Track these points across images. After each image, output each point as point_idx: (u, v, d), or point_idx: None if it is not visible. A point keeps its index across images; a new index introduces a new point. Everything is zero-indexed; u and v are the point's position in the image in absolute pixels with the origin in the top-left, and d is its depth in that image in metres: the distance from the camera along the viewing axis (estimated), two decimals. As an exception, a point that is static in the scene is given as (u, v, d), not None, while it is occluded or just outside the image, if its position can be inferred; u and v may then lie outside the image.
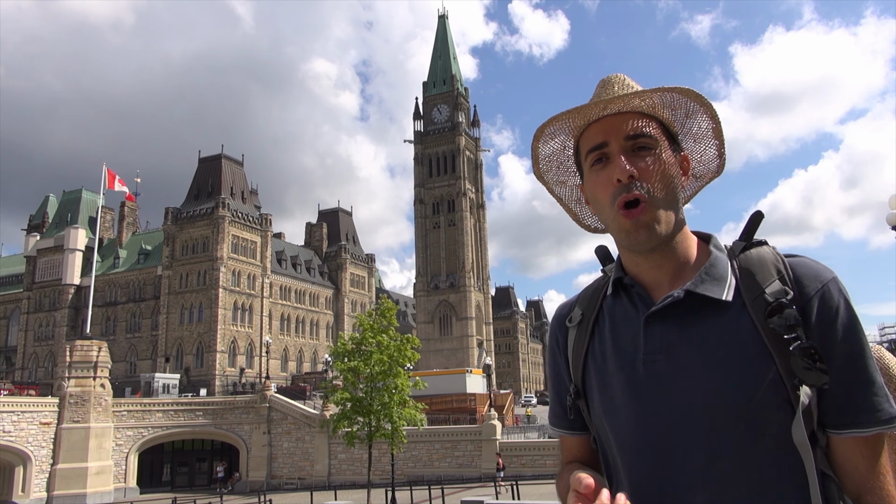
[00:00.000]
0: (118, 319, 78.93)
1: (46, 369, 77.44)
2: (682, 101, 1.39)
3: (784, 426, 1.22)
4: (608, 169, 1.35)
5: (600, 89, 1.41)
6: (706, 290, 1.31)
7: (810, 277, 1.29)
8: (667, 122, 1.41)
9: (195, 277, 73.70)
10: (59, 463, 39.87)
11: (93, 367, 42.16)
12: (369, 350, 25.64)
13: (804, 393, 1.21)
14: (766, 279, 1.30)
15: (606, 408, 1.37)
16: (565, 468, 1.52)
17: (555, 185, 1.56)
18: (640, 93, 1.34)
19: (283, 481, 43.50)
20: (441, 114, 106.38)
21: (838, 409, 1.23)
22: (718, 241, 1.43)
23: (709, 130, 1.43)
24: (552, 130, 1.45)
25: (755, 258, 1.36)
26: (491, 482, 30.56)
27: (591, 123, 1.39)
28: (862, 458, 1.23)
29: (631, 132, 1.35)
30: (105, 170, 47.61)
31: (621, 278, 1.43)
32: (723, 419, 1.22)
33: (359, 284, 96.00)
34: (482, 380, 54.82)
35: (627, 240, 1.35)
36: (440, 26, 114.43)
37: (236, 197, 78.14)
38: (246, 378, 69.07)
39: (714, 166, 1.48)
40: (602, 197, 1.36)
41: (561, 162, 1.52)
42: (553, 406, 1.59)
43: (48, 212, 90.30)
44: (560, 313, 1.58)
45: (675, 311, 1.31)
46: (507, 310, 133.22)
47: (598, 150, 1.37)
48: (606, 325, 1.43)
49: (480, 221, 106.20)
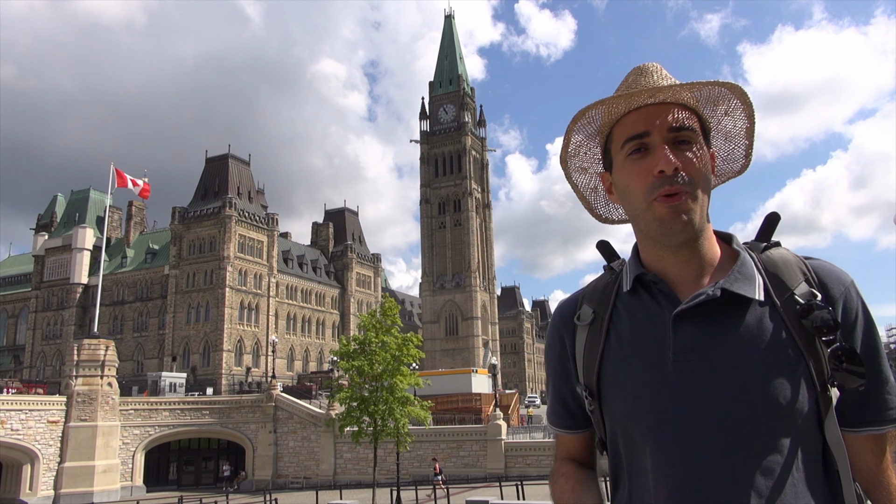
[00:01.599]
0: (125, 318, 79.28)
1: (54, 368, 77.89)
2: (726, 97, 1.37)
3: (811, 425, 1.24)
4: (648, 159, 1.32)
5: (636, 76, 1.37)
6: (740, 288, 1.30)
7: (834, 280, 1.32)
8: (705, 117, 1.40)
9: (202, 277, 73.97)
10: (66, 461, 40.06)
11: (100, 366, 42.35)
12: (373, 350, 25.68)
13: (834, 393, 1.24)
14: (793, 281, 1.32)
15: (632, 409, 1.32)
16: (561, 465, 1.55)
17: (575, 171, 1.53)
18: (691, 85, 1.32)
19: (289, 480, 43.58)
20: (447, 114, 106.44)
21: (857, 408, 1.27)
22: (739, 241, 1.42)
23: (742, 130, 1.42)
24: (591, 115, 1.41)
25: (779, 259, 1.37)
26: (496, 482, 30.54)
27: (630, 112, 1.36)
28: (872, 455, 1.28)
29: (675, 124, 1.32)
30: (113, 169, 47.77)
31: (644, 274, 1.39)
32: (758, 418, 1.22)
33: (365, 284, 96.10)
34: (487, 380, 54.79)
35: (661, 230, 1.31)
36: (446, 26, 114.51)
37: (243, 196, 78.39)
38: (252, 377, 69.27)
39: (738, 166, 1.48)
40: (636, 186, 1.33)
41: (589, 149, 1.49)
42: (553, 405, 1.55)
43: (56, 211, 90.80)
44: (565, 311, 1.53)
45: (705, 309, 1.29)
46: (513, 310, 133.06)
47: (637, 140, 1.33)
48: (625, 323, 1.39)
49: (486, 221, 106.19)
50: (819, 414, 1.25)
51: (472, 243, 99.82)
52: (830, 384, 1.24)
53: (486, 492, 28.82)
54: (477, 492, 29.41)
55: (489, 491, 28.98)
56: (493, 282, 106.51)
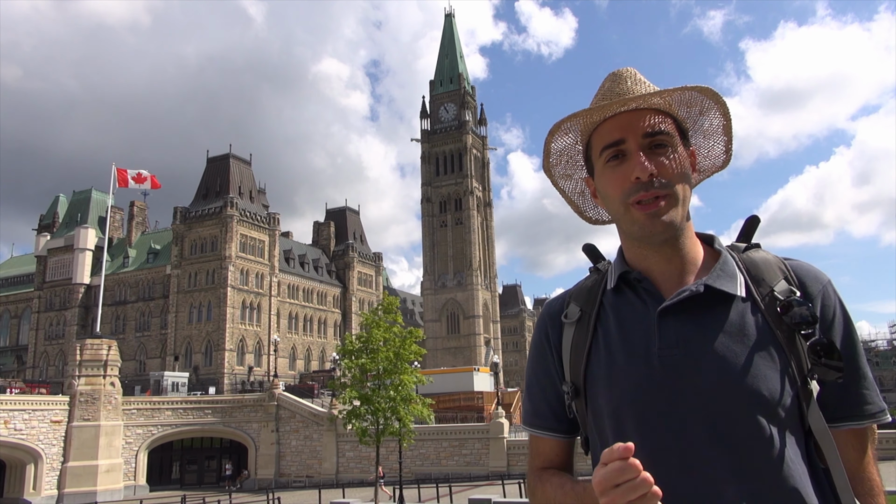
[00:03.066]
0: (128, 318, 79.40)
1: (57, 368, 78.03)
2: (699, 98, 1.42)
3: (793, 419, 1.28)
4: (625, 166, 1.36)
5: (611, 83, 1.42)
6: (723, 285, 1.34)
7: (811, 279, 1.39)
8: (680, 119, 1.44)
9: (204, 276, 74.06)
10: (69, 461, 40.19)
11: (103, 366, 42.46)
12: (375, 348, 25.70)
13: (814, 387, 1.28)
14: (773, 279, 1.38)
15: (618, 404, 1.35)
16: (542, 475, 1.47)
17: (560, 178, 1.58)
18: (660, 92, 1.37)
19: (292, 479, 43.67)
20: (448, 112, 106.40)
21: (837, 403, 1.30)
22: (721, 242, 1.48)
23: (720, 127, 1.47)
24: (567, 127, 1.46)
25: (759, 259, 1.43)
26: (498, 480, 30.57)
27: (606, 119, 1.40)
28: (853, 450, 1.32)
29: (649, 129, 1.36)
30: (114, 169, 47.83)
31: (628, 272, 1.43)
32: (743, 412, 1.25)
33: (366, 283, 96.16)
34: (489, 378, 54.83)
35: (642, 231, 1.36)
36: (447, 25, 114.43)
37: (244, 196, 78.46)
38: (254, 376, 69.32)
39: (720, 162, 1.53)
40: (615, 192, 1.38)
41: (570, 156, 1.54)
42: (535, 404, 1.53)
43: (58, 212, 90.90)
44: (552, 309, 1.56)
45: (689, 305, 1.33)
46: (515, 308, 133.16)
47: (613, 147, 1.38)
48: (611, 320, 1.42)
49: (487, 220, 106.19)
50: (801, 407, 1.28)
51: (474, 242, 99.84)
52: (810, 377, 1.27)
53: (488, 490, 28.86)
54: (479, 490, 29.46)
55: (491, 489, 29.02)
56: (495, 280, 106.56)
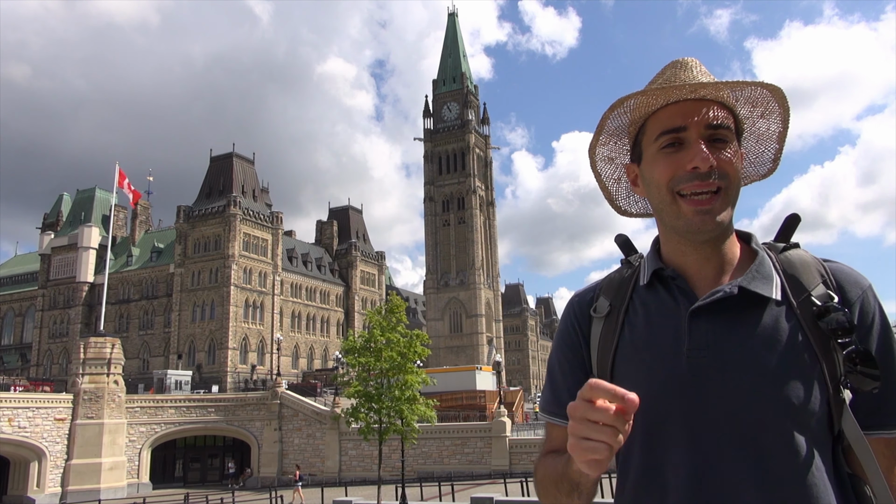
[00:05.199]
0: (131, 317, 79.63)
1: (61, 366, 78.27)
2: (764, 99, 1.37)
3: (822, 427, 1.24)
4: (682, 153, 1.31)
5: (674, 70, 1.36)
6: (758, 287, 1.29)
7: (851, 283, 1.32)
8: (741, 118, 1.39)
9: (207, 275, 74.21)
10: (73, 458, 40.31)
11: (106, 364, 42.59)
12: (379, 347, 25.73)
13: (846, 395, 1.23)
14: (811, 282, 1.32)
15: (643, 403, 1.30)
16: (545, 456, 1.43)
17: (602, 160, 1.52)
18: (733, 83, 1.31)
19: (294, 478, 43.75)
20: (451, 112, 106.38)
21: (870, 411, 1.25)
22: (759, 241, 1.43)
23: (776, 133, 1.43)
24: (629, 105, 1.38)
25: (797, 260, 1.37)
26: (501, 478, 30.61)
27: (667, 105, 1.34)
28: (883, 458, 1.25)
29: (714, 122, 1.31)
30: (117, 169, 48.03)
31: (662, 269, 1.39)
32: (770, 417, 1.21)
33: (369, 282, 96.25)
34: (492, 377, 54.84)
35: (688, 226, 1.31)
36: (450, 24, 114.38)
37: (247, 195, 78.56)
38: (257, 375, 69.42)
39: (765, 170, 1.48)
40: (663, 178, 1.32)
41: (619, 138, 1.48)
42: (557, 392, 1.47)
43: (62, 210, 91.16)
44: (581, 300, 1.51)
45: (722, 306, 1.29)
46: (517, 307, 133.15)
47: (672, 133, 1.32)
48: (641, 317, 1.38)
49: (490, 219, 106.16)
50: (830, 416, 1.24)
51: (476, 241, 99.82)
52: (843, 386, 1.23)
53: (490, 488, 28.89)
54: (481, 489, 29.48)
55: (494, 488, 29.04)
56: (497, 279, 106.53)
